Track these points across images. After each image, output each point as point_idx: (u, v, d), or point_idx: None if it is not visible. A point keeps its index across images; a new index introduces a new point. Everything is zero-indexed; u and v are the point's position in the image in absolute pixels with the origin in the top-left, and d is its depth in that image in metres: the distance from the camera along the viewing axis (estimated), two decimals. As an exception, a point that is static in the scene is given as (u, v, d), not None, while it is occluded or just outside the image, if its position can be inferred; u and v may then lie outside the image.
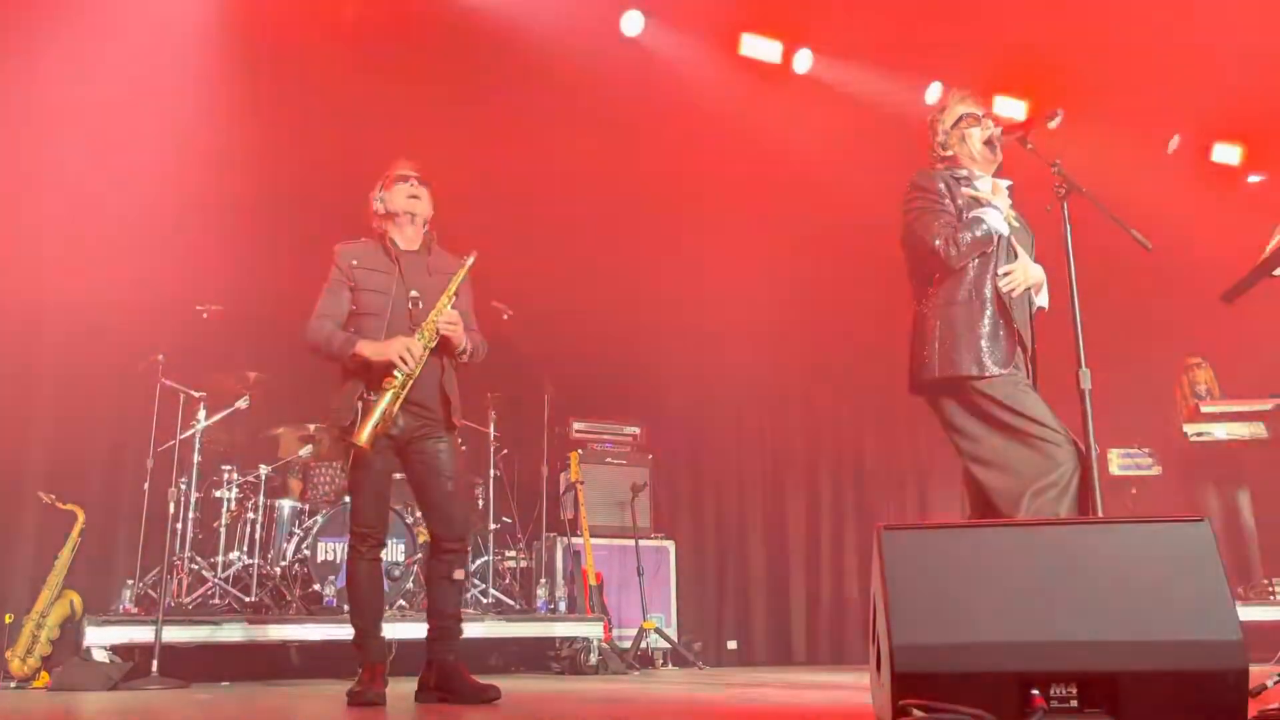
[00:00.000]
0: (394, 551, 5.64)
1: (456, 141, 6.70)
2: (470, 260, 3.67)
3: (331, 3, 6.77)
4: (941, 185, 3.34)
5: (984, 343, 3.17)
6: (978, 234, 3.22)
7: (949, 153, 3.46)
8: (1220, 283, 3.35)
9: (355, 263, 3.60)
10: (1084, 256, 3.11)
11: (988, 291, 3.24)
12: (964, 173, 3.41)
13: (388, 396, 3.37)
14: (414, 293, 3.54)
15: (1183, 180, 8.37)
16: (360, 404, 3.47)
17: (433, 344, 3.49)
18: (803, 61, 7.77)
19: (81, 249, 6.19)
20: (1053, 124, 3.38)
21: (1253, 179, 8.53)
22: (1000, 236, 3.29)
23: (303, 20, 6.57)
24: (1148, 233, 3.10)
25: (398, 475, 3.94)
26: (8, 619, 5.15)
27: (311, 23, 6.61)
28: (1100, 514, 2.81)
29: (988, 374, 3.13)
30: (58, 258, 6.19)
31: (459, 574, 3.55)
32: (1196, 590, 1.96)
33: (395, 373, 3.39)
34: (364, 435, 3.31)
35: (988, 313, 3.21)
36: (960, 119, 3.46)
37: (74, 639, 5.10)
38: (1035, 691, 1.87)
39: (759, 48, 7.64)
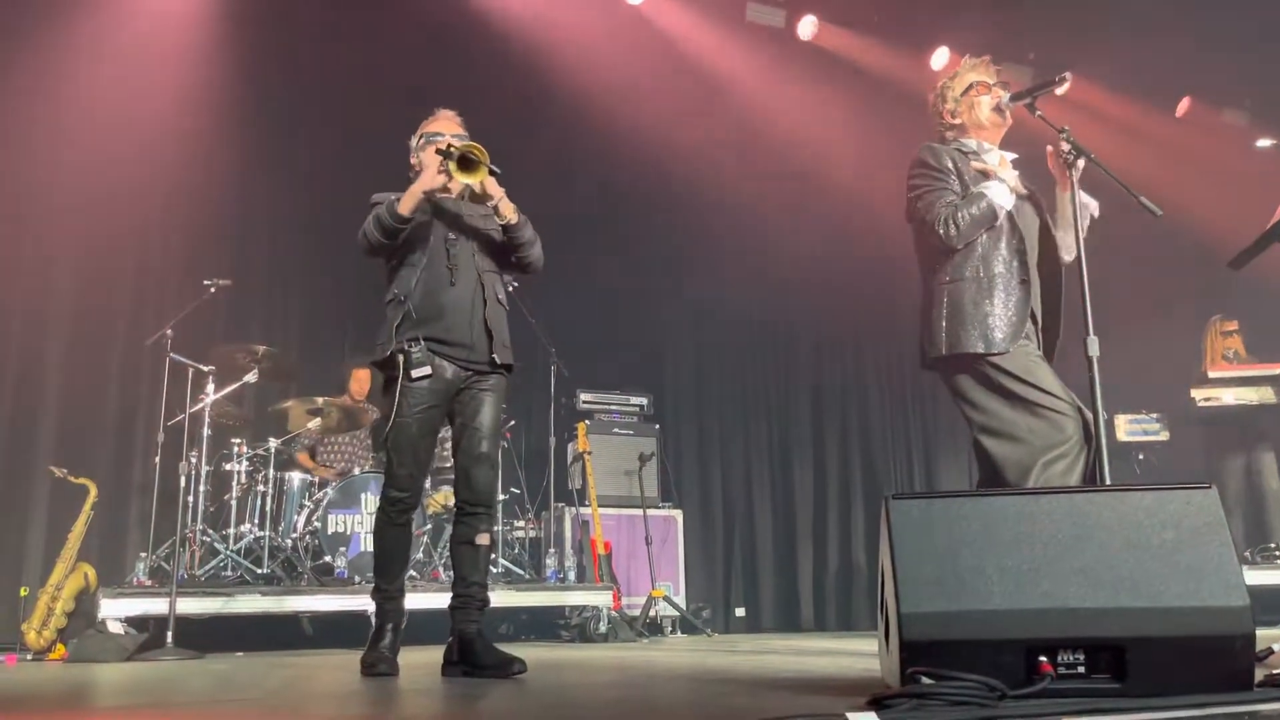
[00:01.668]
0: (403, 522, 5.68)
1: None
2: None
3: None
4: (949, 162, 3.30)
5: (991, 319, 3.15)
6: (978, 210, 3.18)
7: (958, 120, 3.43)
8: (1229, 248, 3.33)
9: (395, 198, 3.41)
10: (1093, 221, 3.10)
11: (997, 267, 3.21)
12: (972, 145, 3.37)
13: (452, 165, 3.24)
14: (450, 234, 3.41)
15: (1192, 145, 8.31)
16: (402, 351, 3.26)
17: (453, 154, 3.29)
18: (807, 27, 7.71)
19: (90, 226, 6.20)
20: (1061, 89, 3.34)
21: (1261, 144, 8.45)
22: (1013, 216, 3.27)
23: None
24: (1156, 198, 3.08)
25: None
26: (23, 592, 5.21)
27: (317, 5, 6.60)
28: (1107, 481, 2.81)
29: (995, 350, 3.12)
30: (66, 236, 6.20)
31: (483, 538, 3.37)
32: (1204, 556, 1.97)
33: (444, 165, 3.25)
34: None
35: (997, 288, 3.19)
36: (971, 86, 3.42)
37: (89, 611, 5.15)
38: (1043, 659, 1.89)
39: (764, 14, 7.57)
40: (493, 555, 6.12)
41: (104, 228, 6.22)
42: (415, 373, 3.25)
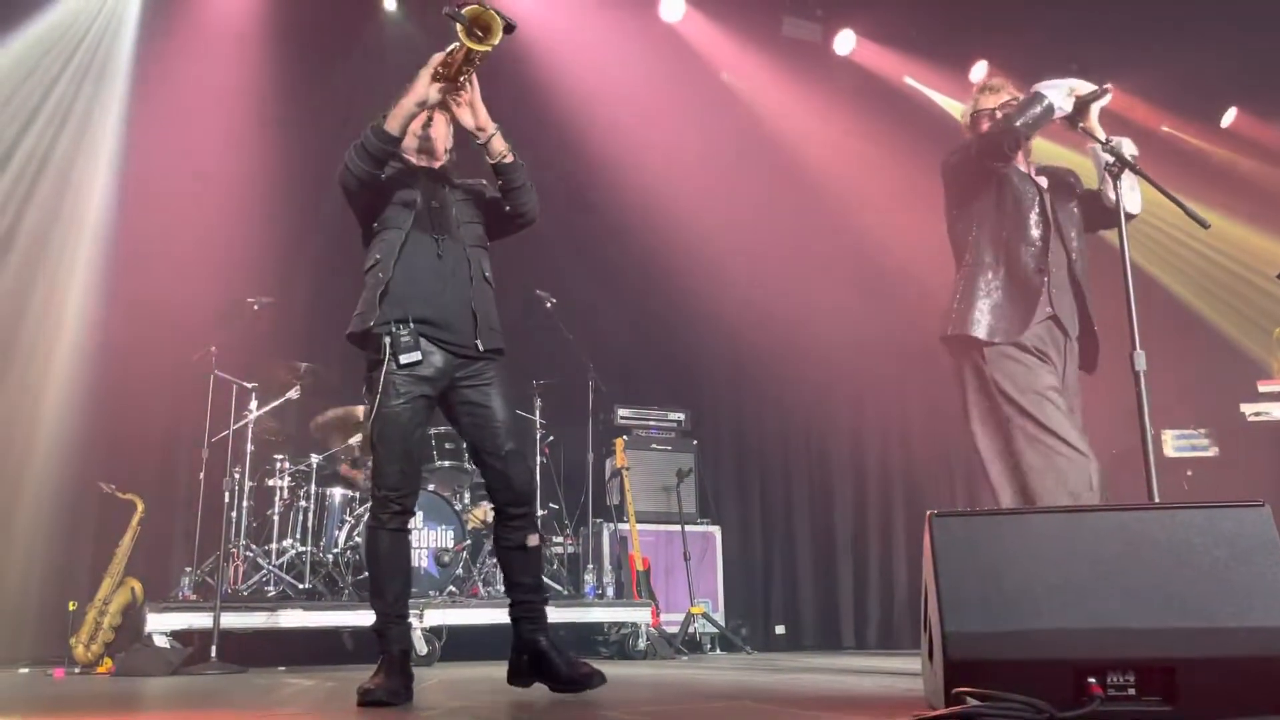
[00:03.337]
0: (443, 538, 5.71)
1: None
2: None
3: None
4: None
5: (997, 308, 3.19)
6: (1039, 108, 3.15)
7: None
8: (1277, 260, 3.27)
9: (381, 116, 3.13)
10: (1138, 234, 3.07)
11: (1020, 255, 3.25)
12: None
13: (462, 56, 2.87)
14: (434, 203, 3.13)
15: (1238, 157, 8.18)
16: (389, 334, 2.95)
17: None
18: (844, 42, 7.70)
19: (137, 245, 6.32)
20: (1102, 102, 3.30)
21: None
22: (1039, 199, 3.28)
23: (351, 19, 6.67)
24: (1203, 212, 3.03)
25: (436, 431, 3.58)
26: (72, 606, 5.28)
27: (357, 23, 6.71)
28: (1155, 498, 2.77)
29: (994, 339, 3.14)
30: (112, 254, 6.33)
31: (533, 539, 3.07)
32: (1256, 576, 1.93)
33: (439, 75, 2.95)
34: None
35: (1014, 277, 3.23)
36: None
37: (135, 625, 5.22)
38: (1091, 680, 1.85)
39: (800, 29, 7.57)
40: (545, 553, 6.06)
41: (150, 246, 6.33)
42: (404, 358, 2.94)
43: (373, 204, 3.13)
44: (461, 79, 3.01)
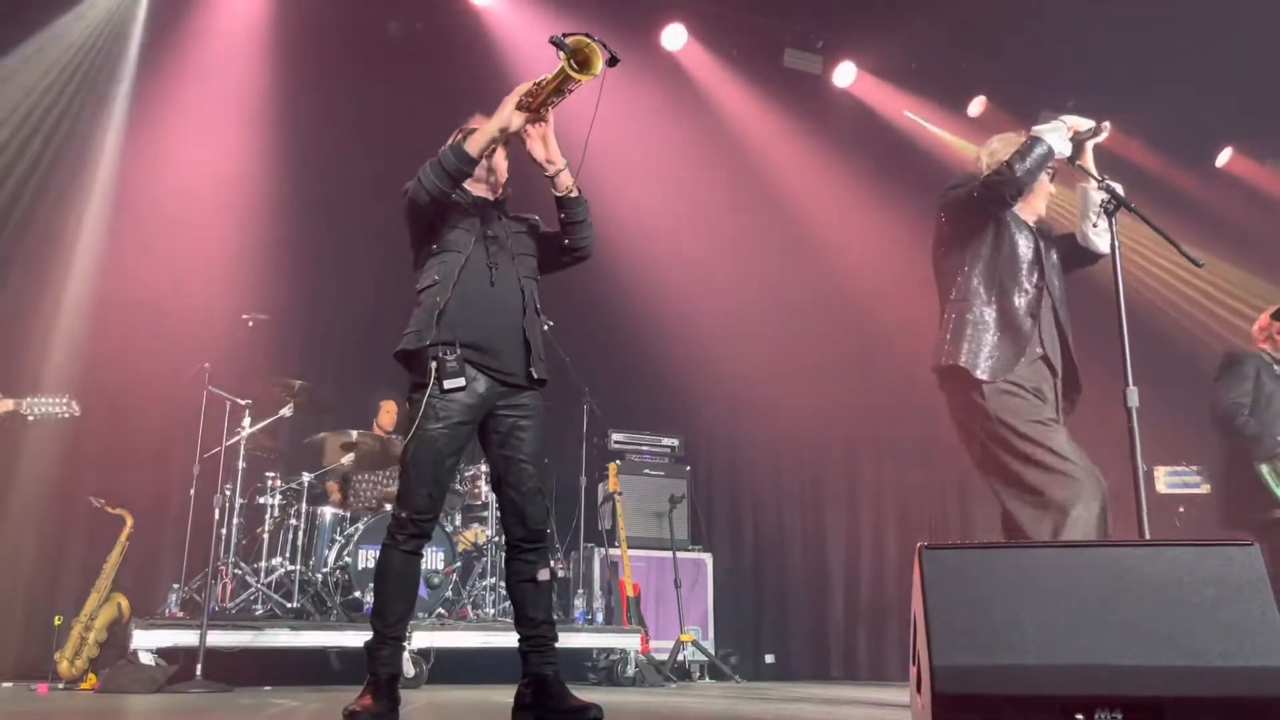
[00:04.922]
0: (433, 559, 5.69)
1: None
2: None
3: (377, 20, 6.91)
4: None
5: (986, 346, 3.21)
6: (1040, 151, 3.18)
7: None
8: (1268, 299, 3.30)
9: (461, 137, 3.17)
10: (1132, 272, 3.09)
11: (1013, 299, 3.28)
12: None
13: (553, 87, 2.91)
14: (490, 232, 3.14)
15: (1231, 195, 8.24)
16: (435, 358, 2.94)
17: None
18: (843, 75, 7.76)
19: (131, 261, 6.33)
20: (1099, 138, 3.34)
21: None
22: (1034, 246, 3.30)
23: (348, 39, 6.71)
24: (1196, 251, 3.06)
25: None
26: (57, 621, 5.25)
27: (356, 43, 6.75)
28: (1146, 534, 2.77)
29: (980, 375, 3.17)
30: (107, 269, 6.33)
31: (544, 574, 3.07)
32: (1246, 614, 1.93)
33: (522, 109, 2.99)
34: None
35: (1004, 320, 3.25)
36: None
37: (121, 642, 5.18)
38: (1079, 716, 1.85)
39: (801, 60, 7.63)
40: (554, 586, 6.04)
41: (144, 262, 6.33)
42: (448, 384, 2.93)
43: (432, 226, 3.14)
44: (545, 110, 3.07)
